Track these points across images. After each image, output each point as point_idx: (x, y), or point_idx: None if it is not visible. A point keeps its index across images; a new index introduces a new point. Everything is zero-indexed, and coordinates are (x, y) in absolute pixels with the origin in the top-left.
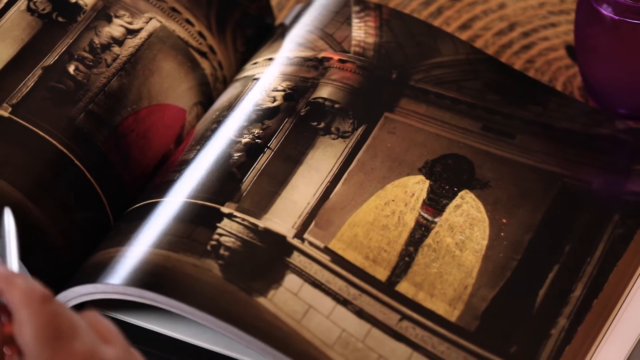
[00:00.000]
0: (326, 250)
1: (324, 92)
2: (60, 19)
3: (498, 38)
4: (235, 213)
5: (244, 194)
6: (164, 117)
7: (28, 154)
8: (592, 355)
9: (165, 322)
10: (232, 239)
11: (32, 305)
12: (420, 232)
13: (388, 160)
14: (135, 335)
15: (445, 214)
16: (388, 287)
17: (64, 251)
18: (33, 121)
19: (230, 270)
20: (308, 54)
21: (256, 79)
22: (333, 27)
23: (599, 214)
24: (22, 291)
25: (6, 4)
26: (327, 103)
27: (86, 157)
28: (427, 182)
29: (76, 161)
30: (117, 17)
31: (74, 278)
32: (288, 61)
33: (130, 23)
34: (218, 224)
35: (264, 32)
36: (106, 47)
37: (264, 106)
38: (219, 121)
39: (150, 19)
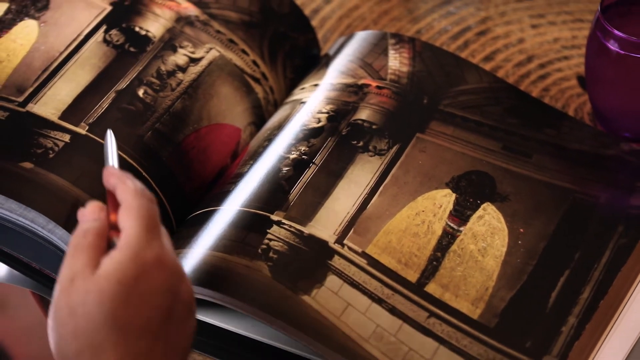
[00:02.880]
0: (363, 255)
1: (363, 114)
2: (131, 49)
3: (517, 69)
4: (284, 220)
5: (292, 204)
6: (222, 135)
7: (102, 167)
8: (598, 350)
9: (221, 316)
10: (281, 244)
11: (143, 200)
12: (447, 239)
13: (419, 175)
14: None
15: (469, 224)
16: (418, 287)
17: None
18: None
19: (279, 271)
20: (349, 80)
21: (303, 103)
22: (372, 58)
23: (605, 225)
24: (134, 188)
25: (86, 36)
26: (365, 124)
27: (153, 170)
28: (454, 195)
29: (144, 174)
30: (181, 47)
31: None
32: (331, 87)
33: (192, 52)
34: (268, 230)
35: (311, 62)
36: (171, 73)
37: (310, 126)
38: (270, 139)
39: (211, 49)
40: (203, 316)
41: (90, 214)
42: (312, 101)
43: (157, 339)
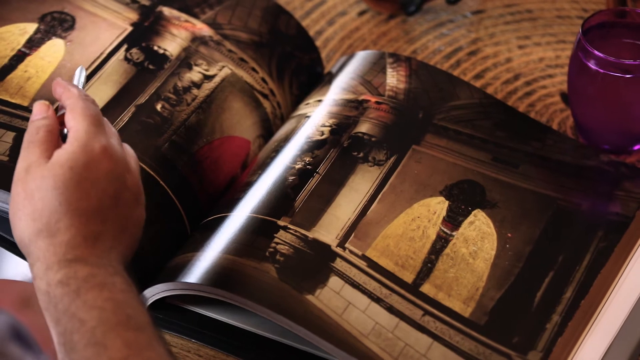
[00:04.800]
0: (363, 257)
1: (363, 127)
2: (150, 67)
3: (505, 86)
4: (289, 226)
5: (297, 210)
6: (233, 146)
7: None
8: (580, 345)
9: (231, 314)
10: (287, 247)
11: (86, 102)
12: (441, 243)
13: (415, 184)
14: (206, 324)
15: (461, 229)
16: (413, 288)
17: (150, 255)
18: None
19: (285, 273)
20: (350, 96)
21: (308, 117)
22: (371, 75)
23: (586, 230)
24: (77, 92)
25: (108, 54)
26: (365, 137)
27: (169, 178)
28: (447, 203)
29: (161, 182)
30: (196, 65)
31: (159, 277)
32: (334, 102)
33: (206, 70)
34: (275, 235)
35: (315, 79)
36: (187, 89)
37: (314, 139)
38: (277, 150)
39: (223, 67)
40: (214, 314)
41: (39, 112)
42: (316, 115)
43: (106, 222)
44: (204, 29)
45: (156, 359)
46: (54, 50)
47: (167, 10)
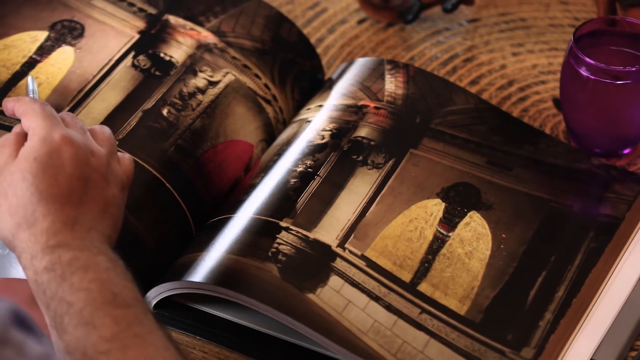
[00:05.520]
0: (363, 257)
1: (363, 132)
2: (157, 73)
3: (500, 92)
4: (291, 227)
5: (298, 212)
6: (236, 150)
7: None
8: (571, 342)
9: (234, 312)
10: (288, 247)
11: (37, 103)
12: (437, 244)
13: (412, 186)
14: (211, 322)
15: (457, 230)
16: (411, 287)
17: (156, 254)
18: (135, 152)
19: (287, 272)
20: (350, 102)
21: (309, 121)
22: (370, 81)
23: (577, 231)
24: (28, 99)
25: (116, 61)
26: (364, 141)
27: (175, 181)
28: (443, 204)
29: (167, 184)
30: (201, 71)
31: (164, 276)
32: (334, 107)
33: (211, 76)
34: (277, 235)
35: (316, 85)
36: (192, 95)
37: (315, 143)
38: (279, 154)
39: (227, 73)
40: (218, 312)
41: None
42: (317, 120)
43: (80, 204)
44: (208, 37)
45: (145, 333)
46: (63, 57)
47: (173, 19)
